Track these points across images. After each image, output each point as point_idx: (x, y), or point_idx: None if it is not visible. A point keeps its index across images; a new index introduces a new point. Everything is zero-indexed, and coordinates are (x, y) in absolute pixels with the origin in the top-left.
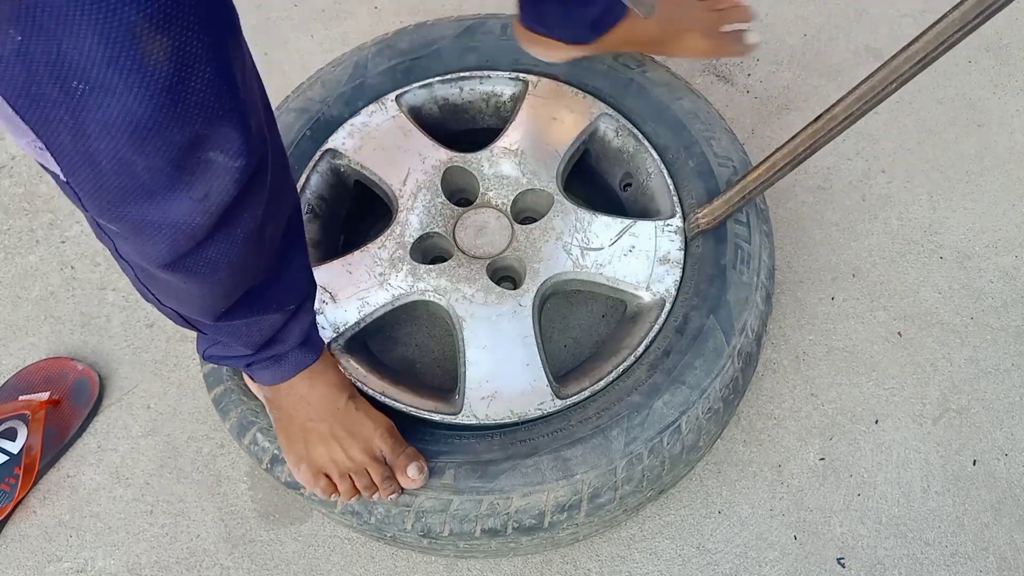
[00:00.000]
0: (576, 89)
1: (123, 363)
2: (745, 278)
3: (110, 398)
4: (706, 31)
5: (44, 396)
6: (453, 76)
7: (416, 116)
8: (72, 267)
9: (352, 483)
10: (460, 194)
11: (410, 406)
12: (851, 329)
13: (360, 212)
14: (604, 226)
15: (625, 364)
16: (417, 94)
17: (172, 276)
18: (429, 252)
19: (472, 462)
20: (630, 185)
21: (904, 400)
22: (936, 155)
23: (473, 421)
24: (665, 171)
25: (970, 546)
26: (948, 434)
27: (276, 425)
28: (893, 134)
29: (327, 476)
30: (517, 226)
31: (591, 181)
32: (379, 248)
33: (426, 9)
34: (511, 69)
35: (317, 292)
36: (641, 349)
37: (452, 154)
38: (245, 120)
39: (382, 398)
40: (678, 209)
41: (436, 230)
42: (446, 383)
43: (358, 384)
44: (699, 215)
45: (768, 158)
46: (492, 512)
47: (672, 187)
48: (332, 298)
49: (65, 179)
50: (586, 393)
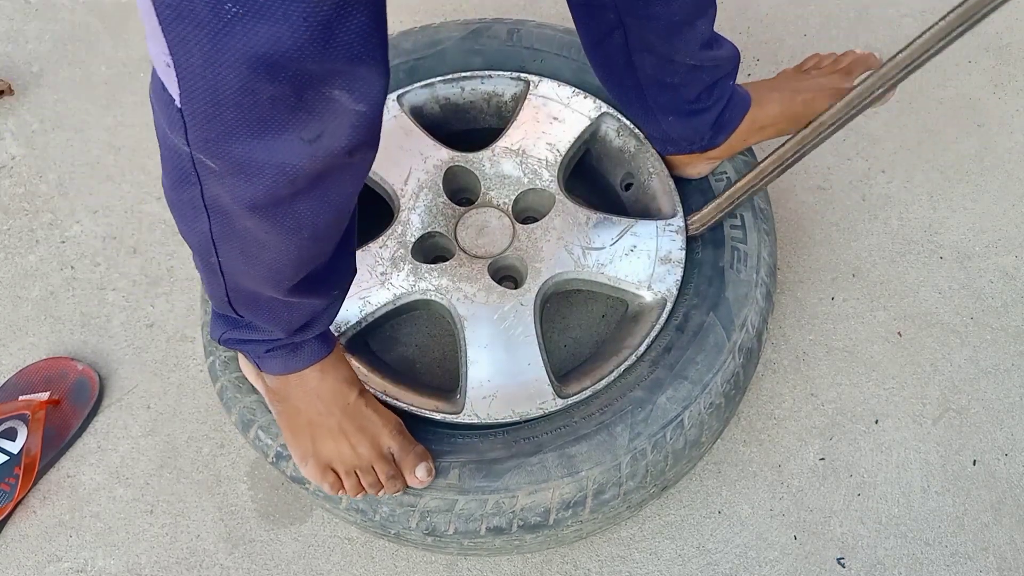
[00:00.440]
0: (577, 89)
1: (123, 363)
2: (743, 276)
3: (110, 398)
4: (833, 93)
5: (44, 396)
6: (455, 76)
7: (417, 116)
8: (72, 267)
9: (358, 480)
10: (461, 194)
11: (412, 405)
12: (851, 329)
13: (361, 212)
14: (605, 226)
15: (627, 363)
16: (419, 94)
17: (258, 223)
18: (431, 252)
19: (476, 461)
20: (631, 185)
21: (904, 400)
22: (936, 155)
23: (475, 420)
24: (666, 171)
25: (970, 546)
26: (948, 434)
27: (279, 418)
28: (893, 134)
29: (334, 472)
30: (518, 226)
31: (592, 181)
32: (380, 247)
33: (426, 9)
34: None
35: None
36: (643, 348)
37: (454, 154)
38: (380, 66)
39: (384, 397)
40: (679, 209)
41: (438, 230)
42: (446, 383)
43: None
44: (690, 221)
45: (756, 166)
46: (497, 511)
47: (673, 187)
48: None
49: (180, 105)
50: (587, 393)
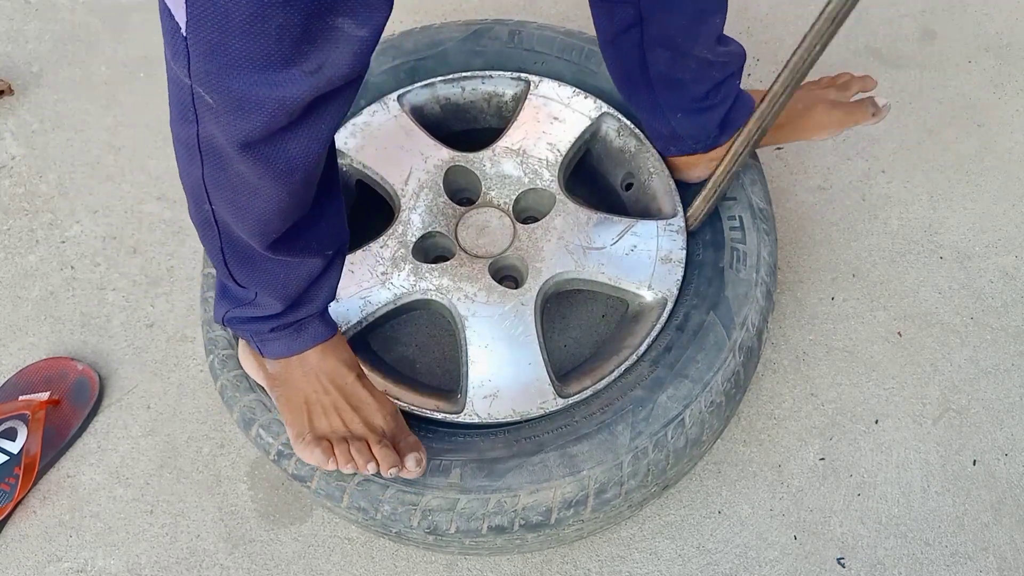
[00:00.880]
0: (578, 89)
1: (123, 363)
2: (743, 275)
3: (110, 398)
4: (832, 104)
5: (44, 396)
6: (455, 76)
7: (418, 116)
8: (72, 267)
9: (348, 451)
10: (462, 193)
11: (413, 405)
12: (851, 329)
13: (362, 212)
14: (606, 226)
15: (628, 363)
16: (419, 94)
17: (250, 163)
18: (431, 251)
19: (478, 460)
20: (632, 185)
21: (904, 400)
22: (936, 155)
23: (476, 420)
24: (667, 171)
25: (970, 546)
26: (948, 434)
27: (280, 404)
28: (893, 134)
29: (328, 441)
30: (519, 225)
31: (593, 181)
32: (381, 247)
33: (425, 9)
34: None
35: None
36: (643, 348)
37: (454, 153)
38: None
39: None
40: (680, 209)
41: (438, 229)
42: (446, 383)
43: None
44: (687, 217)
45: (729, 149)
46: (499, 510)
47: (674, 187)
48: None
49: (185, 33)
50: (588, 392)
